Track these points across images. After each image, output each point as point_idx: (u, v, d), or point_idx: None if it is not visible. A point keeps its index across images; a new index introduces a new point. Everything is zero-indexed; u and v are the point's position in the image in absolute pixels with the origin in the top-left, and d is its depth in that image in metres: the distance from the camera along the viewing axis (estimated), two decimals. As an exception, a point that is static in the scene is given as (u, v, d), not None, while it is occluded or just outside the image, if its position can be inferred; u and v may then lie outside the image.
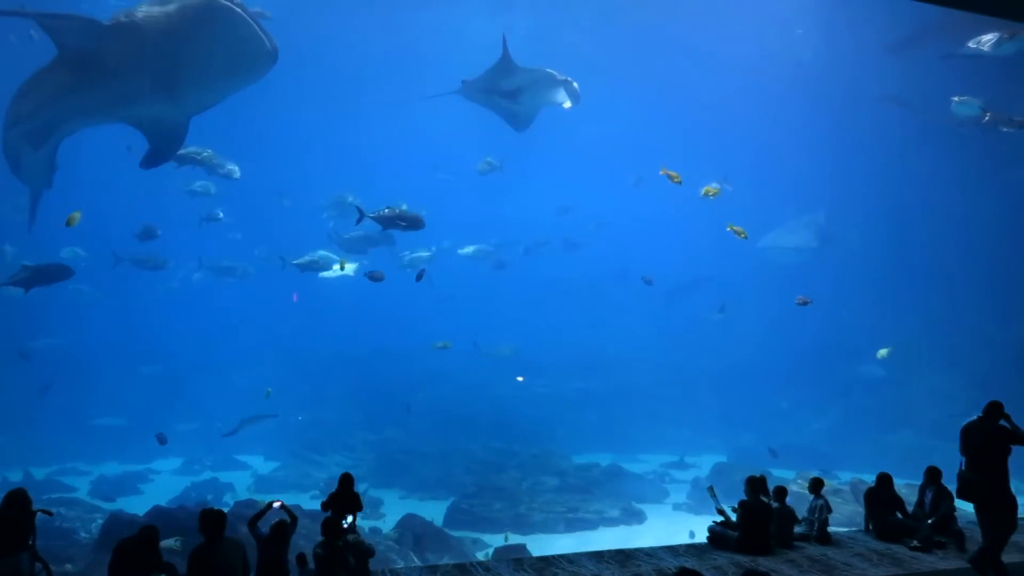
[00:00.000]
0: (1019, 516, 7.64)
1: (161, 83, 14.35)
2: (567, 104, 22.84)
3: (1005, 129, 22.38)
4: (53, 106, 15.18)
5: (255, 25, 13.93)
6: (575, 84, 22.25)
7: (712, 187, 18.90)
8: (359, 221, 18.28)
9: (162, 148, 16.12)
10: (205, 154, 20.92)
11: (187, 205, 25.57)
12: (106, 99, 15.03)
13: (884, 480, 9.51)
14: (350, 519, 7.50)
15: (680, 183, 18.20)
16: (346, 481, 7.78)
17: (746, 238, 18.90)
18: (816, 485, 9.47)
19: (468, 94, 23.97)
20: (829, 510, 9.23)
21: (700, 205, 21.15)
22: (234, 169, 22.01)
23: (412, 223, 18.50)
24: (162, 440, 21.88)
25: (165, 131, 15.70)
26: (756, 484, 8.70)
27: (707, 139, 36.30)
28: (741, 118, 36.11)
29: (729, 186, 19.93)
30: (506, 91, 22.88)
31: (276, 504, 7.49)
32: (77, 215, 16.09)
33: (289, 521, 7.04)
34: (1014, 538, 9.40)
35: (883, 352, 24.53)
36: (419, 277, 20.20)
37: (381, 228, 19.52)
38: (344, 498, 7.64)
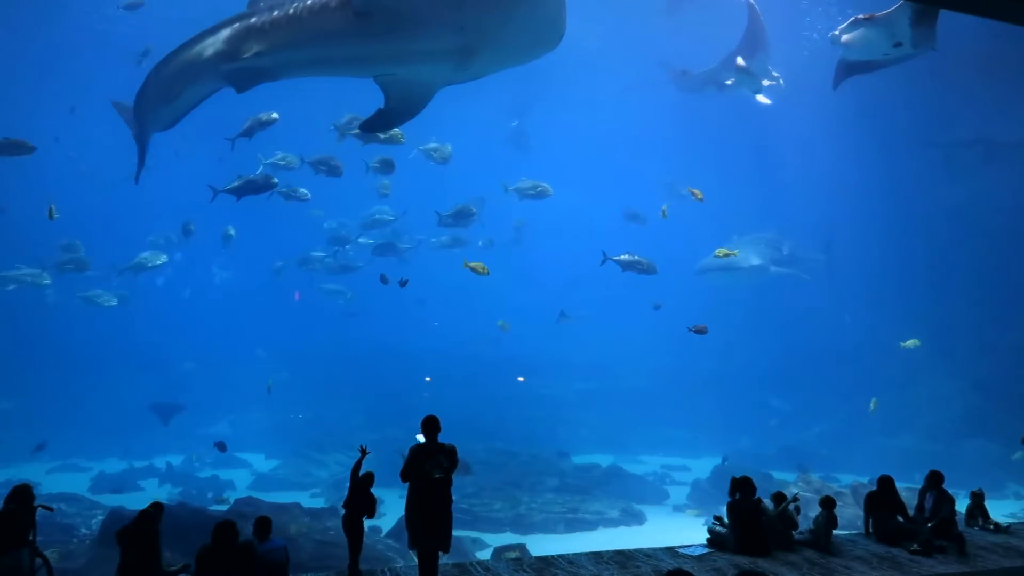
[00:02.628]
0: None
1: (464, 47, 12.67)
2: (764, 100, 24.04)
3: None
4: (303, 49, 13.23)
5: (565, 7, 12.59)
6: (782, 82, 23.20)
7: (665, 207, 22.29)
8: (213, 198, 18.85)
9: (399, 112, 14.56)
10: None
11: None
12: (385, 52, 13.10)
13: (885, 483, 9.49)
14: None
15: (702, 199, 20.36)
16: (367, 481, 7.62)
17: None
18: (828, 503, 9.19)
19: (684, 82, 27.22)
20: (834, 524, 9.11)
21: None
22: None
23: (264, 185, 18.89)
24: (222, 448, 22.88)
25: (412, 96, 14.08)
26: (738, 484, 8.75)
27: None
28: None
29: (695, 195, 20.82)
30: (723, 81, 25.01)
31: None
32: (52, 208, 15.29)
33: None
34: (1014, 542, 9.44)
35: (912, 342, 24.41)
36: (402, 284, 20.18)
37: (236, 199, 19.20)
38: (363, 497, 7.54)
